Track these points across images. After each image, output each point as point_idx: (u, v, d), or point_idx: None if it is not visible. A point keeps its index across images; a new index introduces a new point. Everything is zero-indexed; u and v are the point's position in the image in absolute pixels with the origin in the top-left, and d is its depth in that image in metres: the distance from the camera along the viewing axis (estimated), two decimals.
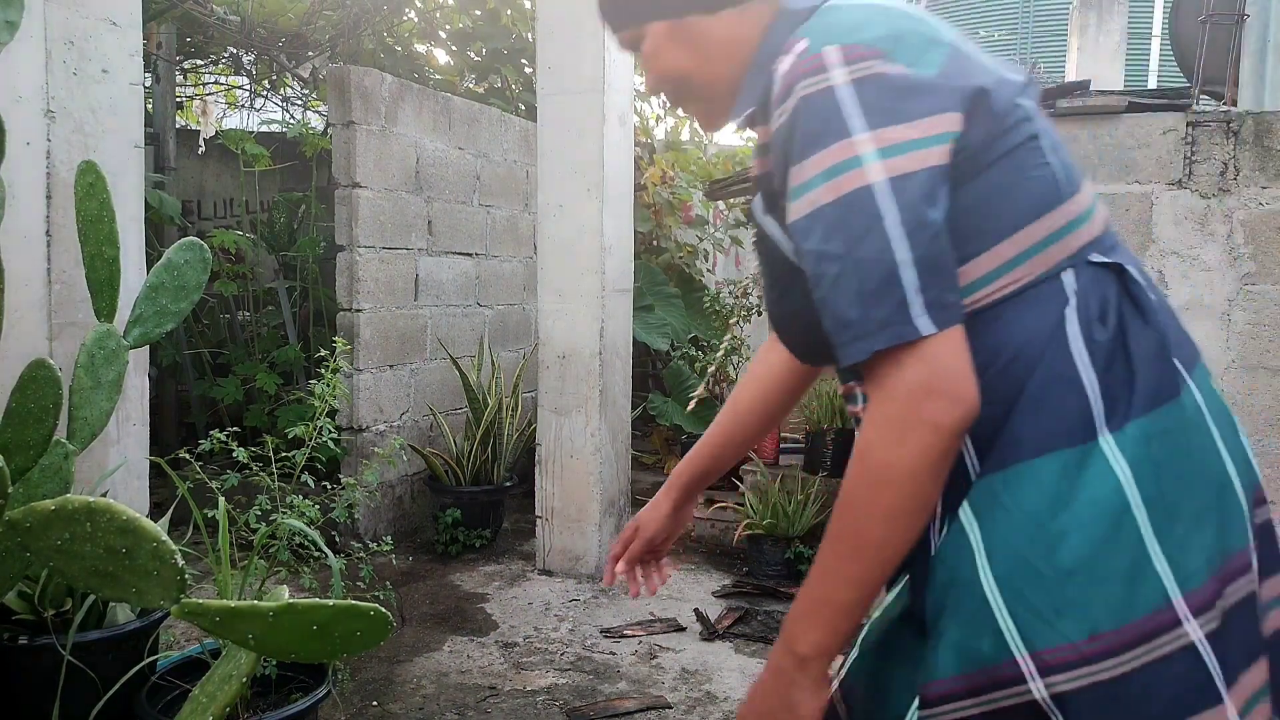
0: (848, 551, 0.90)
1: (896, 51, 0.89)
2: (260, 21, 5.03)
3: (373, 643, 1.39)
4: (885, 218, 0.85)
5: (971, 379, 0.86)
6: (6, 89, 2.10)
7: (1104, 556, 0.85)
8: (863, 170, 0.85)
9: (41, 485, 1.88)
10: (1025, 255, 0.92)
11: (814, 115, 0.88)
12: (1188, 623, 0.84)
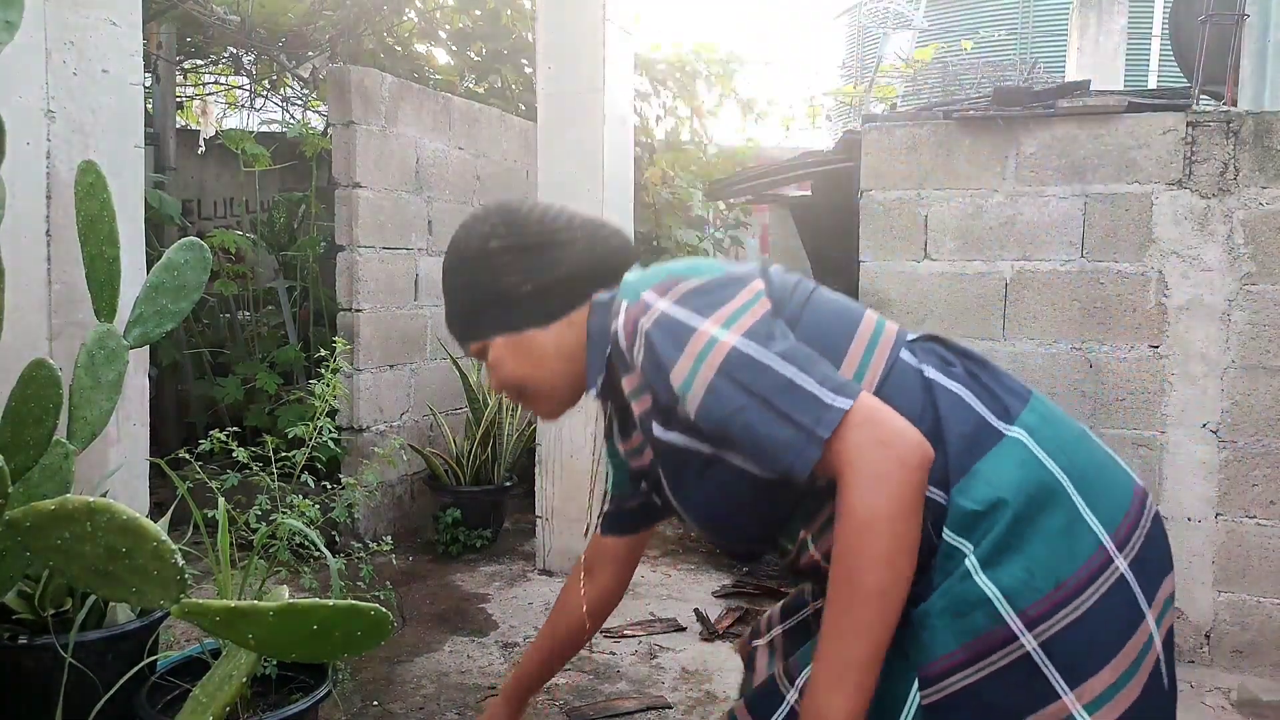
0: (852, 605, 0.99)
1: (689, 274, 1.14)
2: (260, 21, 5.03)
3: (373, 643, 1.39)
4: (758, 359, 1.04)
5: (905, 421, 1.02)
6: (6, 89, 2.09)
7: (1049, 522, 1.05)
8: (721, 343, 1.05)
9: (41, 485, 1.88)
10: (868, 352, 1.15)
11: (664, 333, 1.09)
12: (1117, 558, 1.06)
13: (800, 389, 1.02)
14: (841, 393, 1.02)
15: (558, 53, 3.50)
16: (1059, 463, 1.09)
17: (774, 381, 1.03)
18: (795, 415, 1.01)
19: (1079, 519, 1.07)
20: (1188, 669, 2.82)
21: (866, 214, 3.16)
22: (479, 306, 1.26)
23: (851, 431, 1.00)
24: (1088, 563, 1.05)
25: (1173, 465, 2.86)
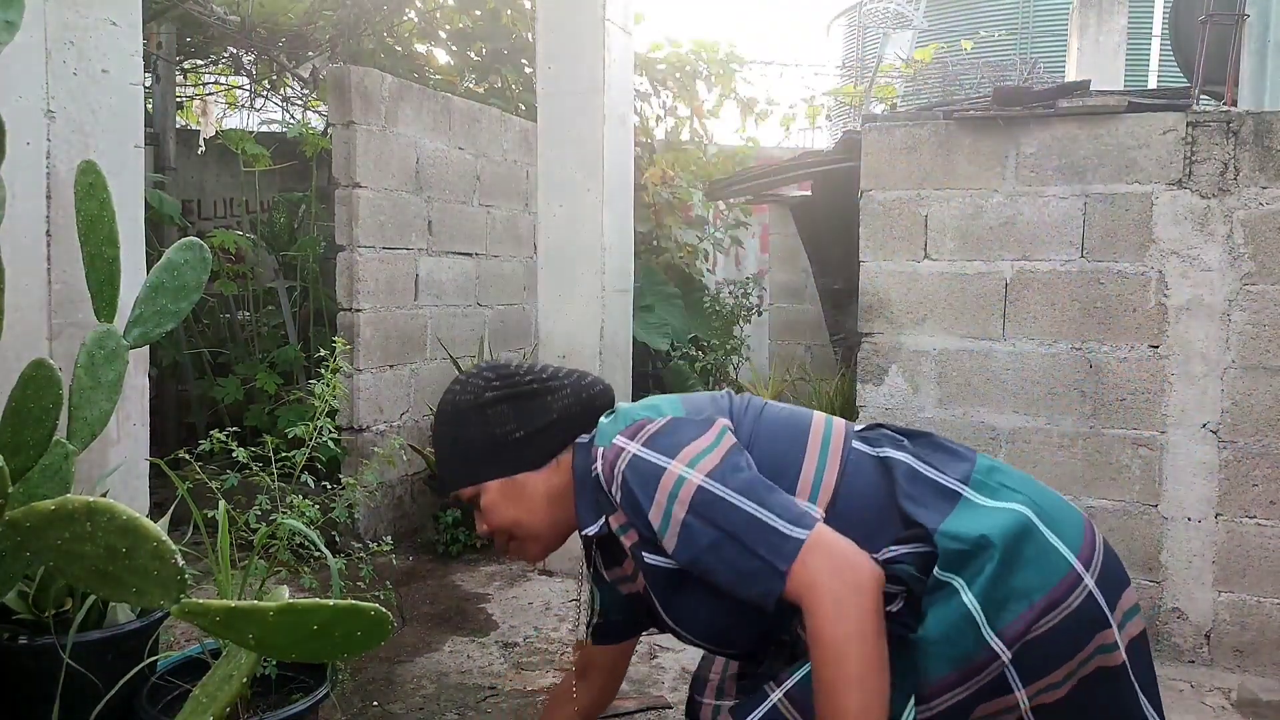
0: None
1: (653, 416, 1.28)
2: (260, 21, 5.03)
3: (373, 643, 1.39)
4: (723, 497, 1.16)
5: (857, 548, 1.14)
6: (6, 89, 2.09)
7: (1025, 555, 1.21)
8: (689, 481, 1.18)
9: (41, 485, 1.88)
10: (823, 455, 1.29)
11: (637, 475, 1.21)
12: (1085, 576, 1.23)
13: (762, 523, 1.14)
14: (799, 523, 1.14)
15: (558, 53, 3.50)
16: (1018, 500, 1.25)
17: (739, 518, 1.14)
18: (759, 549, 1.13)
19: (1048, 546, 1.23)
20: (1188, 669, 2.82)
21: (866, 214, 3.16)
22: (475, 454, 1.37)
23: (810, 558, 1.12)
24: (1060, 583, 1.21)
25: (1173, 465, 2.86)
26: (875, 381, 3.17)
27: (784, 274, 5.85)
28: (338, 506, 2.40)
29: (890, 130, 3.13)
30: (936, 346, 3.09)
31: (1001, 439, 3.02)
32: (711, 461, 1.20)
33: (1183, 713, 2.54)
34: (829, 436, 1.32)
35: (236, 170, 5.27)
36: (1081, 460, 2.94)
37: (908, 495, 1.24)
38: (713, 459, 1.20)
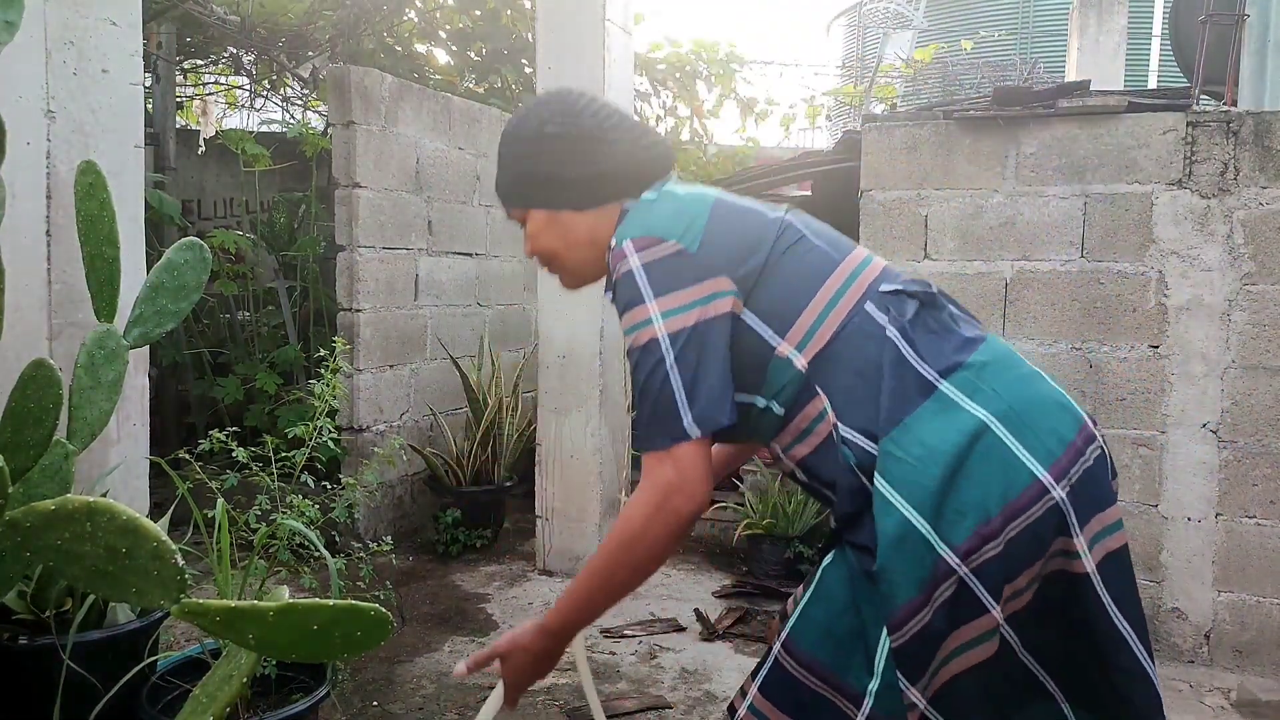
0: (599, 587, 1.31)
1: (670, 232, 1.28)
2: (260, 21, 5.03)
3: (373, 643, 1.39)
4: (665, 360, 1.23)
5: (705, 484, 1.23)
6: (6, 89, 2.10)
7: (978, 465, 1.19)
8: (652, 327, 1.24)
9: (41, 485, 1.88)
10: (828, 309, 1.29)
11: (624, 289, 1.27)
12: (1053, 488, 1.19)
13: (672, 403, 1.23)
14: (698, 424, 1.22)
15: (558, 53, 3.50)
16: (993, 408, 1.22)
17: (660, 384, 1.23)
18: (654, 418, 1.24)
19: (1010, 457, 1.20)
20: (1187, 669, 2.82)
21: (866, 214, 3.16)
22: (526, 181, 1.42)
23: (667, 462, 1.22)
24: (1022, 495, 1.18)
25: (1173, 465, 2.86)
26: None
27: None
28: (338, 506, 2.40)
29: (890, 130, 3.13)
30: None
31: None
32: (681, 323, 1.24)
33: (1183, 713, 2.54)
34: (847, 286, 1.30)
35: (236, 170, 5.27)
36: None
37: (889, 383, 1.24)
38: (684, 320, 1.24)
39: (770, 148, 7.50)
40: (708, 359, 1.25)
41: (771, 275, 1.30)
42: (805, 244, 1.34)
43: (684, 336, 1.24)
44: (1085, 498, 1.22)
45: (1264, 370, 2.77)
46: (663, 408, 1.23)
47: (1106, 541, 1.25)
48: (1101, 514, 1.24)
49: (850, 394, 1.25)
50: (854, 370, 1.25)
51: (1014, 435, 1.21)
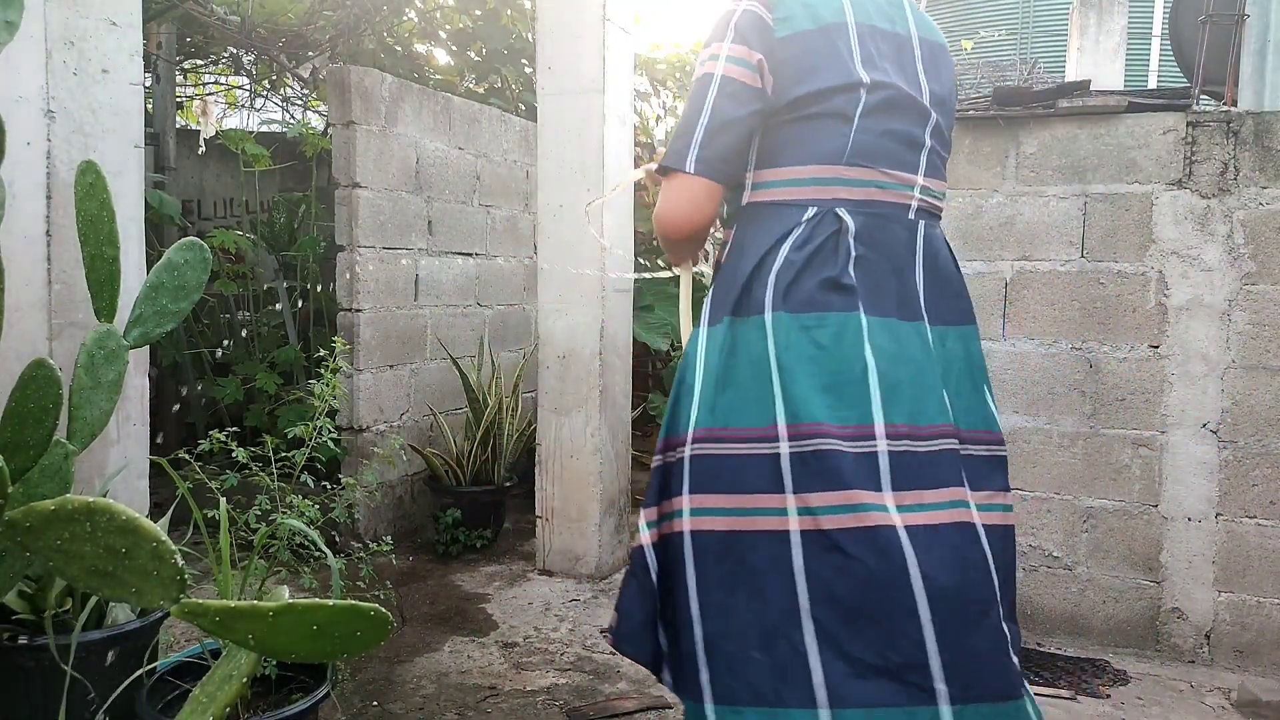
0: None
1: (778, 6, 1.40)
2: (260, 21, 5.03)
3: (373, 643, 1.39)
4: (707, 94, 1.39)
5: (686, 219, 1.42)
6: (6, 89, 2.09)
7: (748, 384, 1.35)
8: (716, 62, 1.40)
9: (41, 485, 1.88)
10: (793, 183, 1.41)
11: (720, 19, 1.43)
12: (781, 441, 1.31)
13: (694, 132, 1.39)
14: (698, 163, 1.39)
15: (558, 53, 3.50)
16: (780, 356, 1.34)
17: (696, 112, 1.40)
18: (680, 138, 1.41)
19: (769, 397, 1.33)
20: (1188, 669, 2.82)
21: None
22: None
23: (670, 185, 1.42)
24: (756, 429, 1.33)
25: (1173, 465, 2.85)
26: None
27: None
28: (338, 506, 2.40)
29: None
30: None
31: None
32: (733, 70, 1.39)
33: (1183, 713, 2.54)
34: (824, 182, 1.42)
35: (236, 170, 5.27)
36: (1081, 460, 2.94)
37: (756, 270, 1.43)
38: (735, 70, 1.39)
39: None
40: (731, 119, 1.39)
41: (797, 122, 1.41)
42: (841, 123, 1.40)
43: (727, 81, 1.39)
44: (816, 473, 1.33)
45: (1264, 370, 2.77)
46: (686, 140, 1.41)
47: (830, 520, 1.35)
48: (830, 493, 1.30)
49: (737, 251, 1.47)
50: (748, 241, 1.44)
51: (780, 381, 1.37)
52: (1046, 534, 2.99)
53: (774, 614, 1.27)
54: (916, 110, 1.45)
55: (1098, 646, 2.95)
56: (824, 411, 1.30)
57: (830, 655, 1.22)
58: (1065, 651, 2.93)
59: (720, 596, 1.31)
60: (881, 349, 1.35)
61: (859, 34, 1.39)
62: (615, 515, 3.66)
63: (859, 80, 1.38)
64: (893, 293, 1.41)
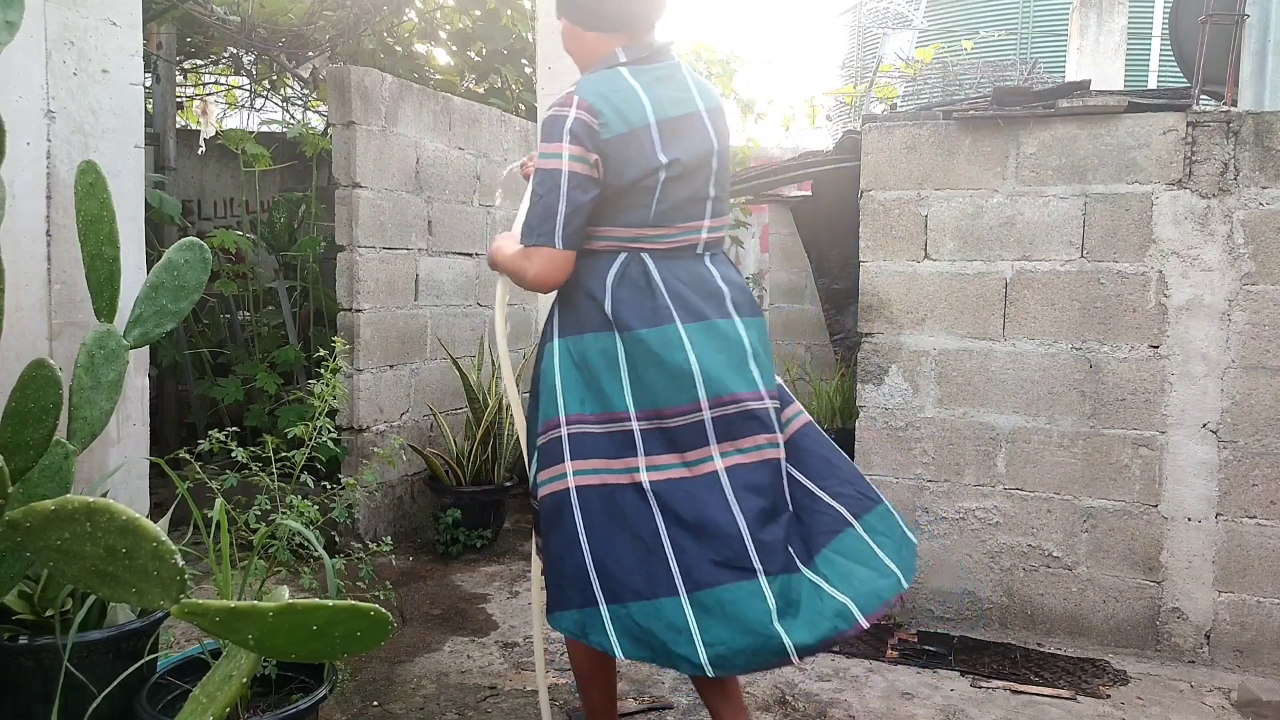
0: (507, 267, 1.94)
1: (600, 113, 1.80)
2: (260, 21, 5.03)
3: (373, 643, 1.39)
4: (560, 186, 1.79)
5: (554, 280, 1.84)
6: (6, 89, 2.10)
7: (604, 380, 1.83)
8: (560, 160, 1.79)
9: (41, 485, 1.88)
10: (611, 238, 1.87)
11: (551, 120, 1.82)
12: (633, 420, 1.82)
13: (554, 217, 1.79)
14: (563, 239, 1.80)
15: (558, 53, 3.48)
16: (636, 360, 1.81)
17: (554, 201, 1.79)
18: (543, 222, 1.80)
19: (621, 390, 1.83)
20: (1188, 669, 2.82)
21: (867, 214, 3.16)
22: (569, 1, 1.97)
23: (538, 257, 1.81)
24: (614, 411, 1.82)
25: (1173, 465, 2.86)
26: (875, 381, 3.17)
27: (784, 274, 5.85)
28: (337, 506, 2.40)
29: (890, 130, 3.13)
30: (936, 346, 3.09)
31: (1001, 439, 3.02)
32: (577, 167, 1.79)
33: (1183, 713, 2.54)
34: (631, 240, 1.88)
35: (236, 170, 5.27)
36: (1081, 460, 2.94)
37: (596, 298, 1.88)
38: (578, 167, 1.79)
39: (770, 148, 7.49)
40: (581, 204, 1.81)
41: (612, 194, 1.83)
42: (645, 196, 1.85)
43: (574, 176, 1.79)
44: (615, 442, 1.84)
45: (1264, 370, 2.77)
46: (550, 222, 1.80)
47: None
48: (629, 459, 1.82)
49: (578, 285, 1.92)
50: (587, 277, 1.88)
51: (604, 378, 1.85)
52: (1046, 534, 2.99)
53: (644, 537, 1.76)
54: (703, 173, 1.91)
55: (1098, 646, 2.95)
56: (662, 398, 1.81)
57: (683, 558, 1.74)
58: (1065, 651, 2.93)
59: (601, 531, 1.78)
60: (700, 345, 1.83)
61: (659, 128, 1.84)
62: None
63: (659, 165, 1.83)
64: (701, 303, 1.87)
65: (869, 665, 2.83)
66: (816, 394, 3.83)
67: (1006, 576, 3.04)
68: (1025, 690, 2.66)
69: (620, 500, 1.78)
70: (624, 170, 1.80)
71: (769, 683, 2.70)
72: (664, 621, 1.71)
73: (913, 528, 2.13)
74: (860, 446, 3.20)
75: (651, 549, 1.74)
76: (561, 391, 1.85)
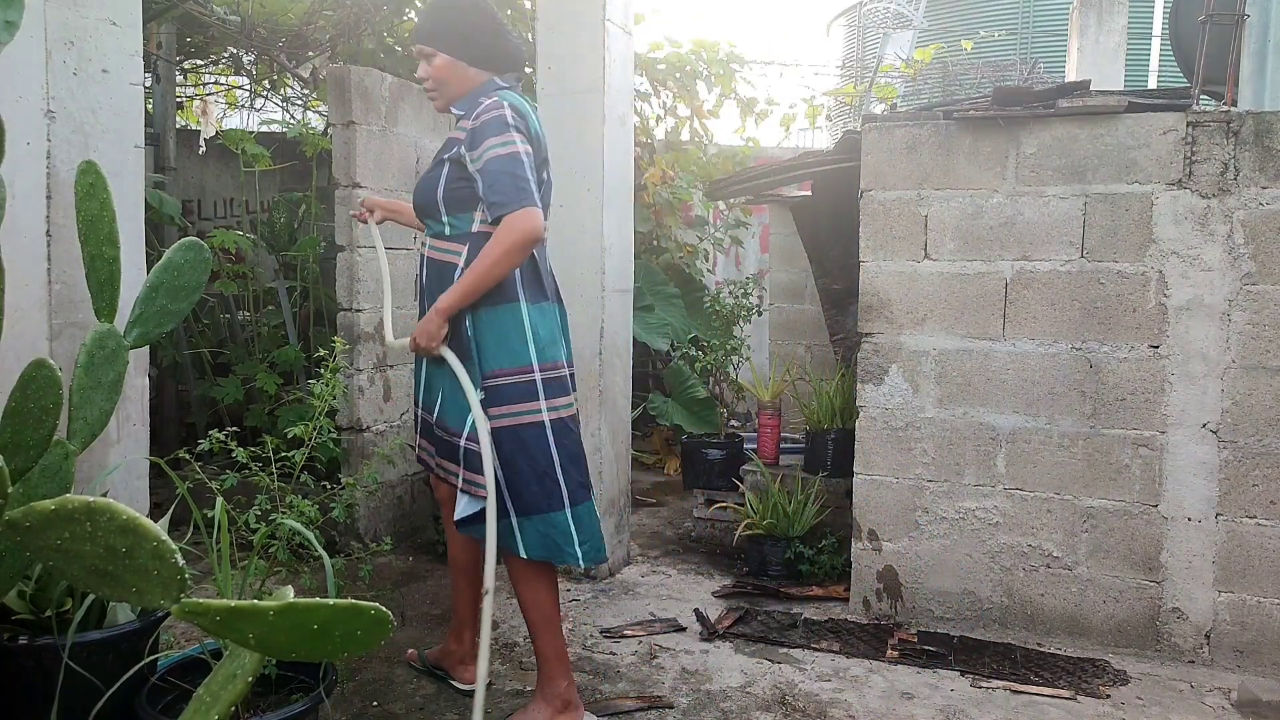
0: (481, 278, 2.19)
1: (523, 115, 2.26)
2: (260, 21, 5.03)
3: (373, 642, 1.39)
4: (524, 161, 2.18)
5: (539, 229, 2.17)
6: (6, 89, 2.09)
7: (515, 341, 2.27)
8: (516, 145, 2.19)
9: (41, 485, 1.88)
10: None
11: (495, 119, 2.21)
12: (535, 372, 2.28)
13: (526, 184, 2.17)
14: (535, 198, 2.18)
15: (558, 53, 3.50)
16: (537, 325, 2.30)
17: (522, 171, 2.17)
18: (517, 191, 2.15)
19: (528, 349, 2.28)
20: (1188, 669, 2.82)
21: (867, 214, 3.16)
22: (452, 32, 2.33)
23: (523, 214, 2.15)
24: (523, 366, 2.28)
25: (1173, 465, 2.86)
26: (875, 381, 3.17)
27: (784, 274, 5.85)
28: (337, 506, 2.40)
29: (890, 130, 3.13)
30: (936, 346, 3.09)
31: (1001, 439, 3.02)
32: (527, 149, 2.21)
33: (1183, 713, 2.54)
34: None
35: (236, 170, 5.27)
36: (1081, 460, 2.94)
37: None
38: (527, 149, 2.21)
39: (770, 148, 7.50)
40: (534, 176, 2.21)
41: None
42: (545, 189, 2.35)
43: (526, 155, 2.20)
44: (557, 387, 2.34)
45: (1264, 370, 2.77)
46: (526, 187, 2.16)
47: (562, 411, 2.35)
48: (566, 397, 2.37)
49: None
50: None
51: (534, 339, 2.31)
52: (1046, 534, 2.99)
53: (542, 464, 2.27)
54: (551, 181, 2.41)
55: (1098, 646, 2.95)
56: (556, 355, 2.34)
57: (567, 481, 2.30)
58: (1065, 651, 2.93)
59: (509, 457, 2.26)
60: (557, 321, 2.39)
61: (544, 144, 2.35)
62: (615, 515, 3.66)
63: (544, 171, 2.34)
64: (549, 287, 2.40)
65: (869, 665, 2.83)
66: (816, 394, 3.83)
67: (1006, 576, 3.04)
68: (1025, 690, 2.66)
69: (526, 433, 2.28)
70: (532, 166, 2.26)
71: (769, 683, 2.70)
72: (559, 529, 2.30)
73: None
74: (860, 446, 3.20)
75: (547, 474, 2.29)
76: (533, 343, 2.29)
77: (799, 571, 3.52)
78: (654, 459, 5.73)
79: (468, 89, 2.34)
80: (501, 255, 2.15)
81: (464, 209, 2.29)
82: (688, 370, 5.30)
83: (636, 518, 4.48)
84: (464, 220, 2.30)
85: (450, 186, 2.30)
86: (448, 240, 2.33)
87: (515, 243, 2.14)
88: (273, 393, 4.40)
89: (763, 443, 4.17)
